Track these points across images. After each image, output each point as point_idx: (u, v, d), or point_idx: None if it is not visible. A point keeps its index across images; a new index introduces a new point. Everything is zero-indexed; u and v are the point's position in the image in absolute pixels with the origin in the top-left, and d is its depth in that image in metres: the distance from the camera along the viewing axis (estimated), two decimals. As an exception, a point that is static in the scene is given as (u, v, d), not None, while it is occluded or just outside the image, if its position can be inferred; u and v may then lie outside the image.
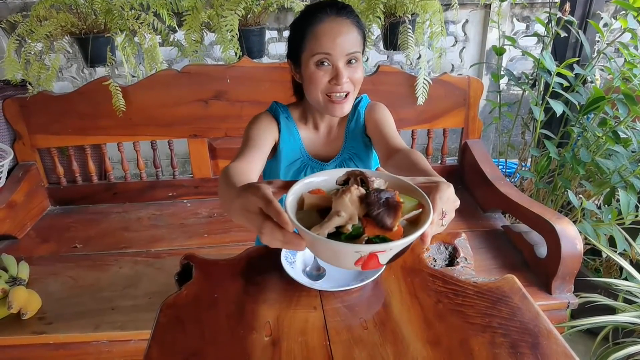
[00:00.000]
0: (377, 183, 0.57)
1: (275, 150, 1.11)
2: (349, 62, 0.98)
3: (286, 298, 0.81)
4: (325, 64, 0.96)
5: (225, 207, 0.78)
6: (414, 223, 0.55)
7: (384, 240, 0.51)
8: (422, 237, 0.57)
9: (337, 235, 0.53)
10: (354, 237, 0.53)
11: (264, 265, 0.90)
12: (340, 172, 0.62)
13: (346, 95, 1.00)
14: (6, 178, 1.87)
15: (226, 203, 0.75)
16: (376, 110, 1.13)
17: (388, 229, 0.51)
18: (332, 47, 0.95)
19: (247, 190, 0.62)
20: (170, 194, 2.11)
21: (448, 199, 0.64)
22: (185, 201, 2.11)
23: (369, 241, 0.52)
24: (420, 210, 0.56)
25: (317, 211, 0.57)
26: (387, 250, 0.50)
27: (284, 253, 0.89)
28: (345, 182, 0.60)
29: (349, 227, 0.52)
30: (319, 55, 0.95)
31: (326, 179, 0.63)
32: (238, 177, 0.81)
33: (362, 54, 1.02)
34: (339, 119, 1.14)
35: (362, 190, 0.54)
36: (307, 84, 1.01)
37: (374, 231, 0.52)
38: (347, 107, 1.02)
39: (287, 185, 0.63)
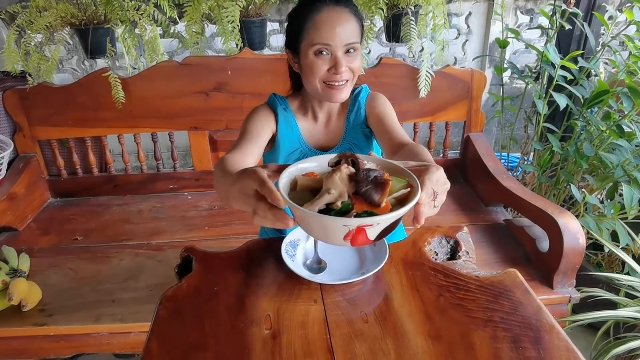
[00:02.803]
0: (368, 165, 0.59)
1: (273, 142, 1.12)
2: (347, 51, 0.98)
3: (286, 291, 0.81)
4: (325, 53, 0.97)
5: (222, 196, 0.79)
6: (403, 203, 0.56)
7: (372, 215, 0.52)
8: (415, 217, 0.58)
9: (328, 212, 0.54)
10: (343, 213, 0.54)
11: (264, 258, 0.90)
12: (332, 156, 0.63)
13: (345, 82, 1.01)
14: (6, 170, 1.87)
15: (223, 191, 0.77)
16: (377, 102, 1.13)
17: (376, 205, 0.52)
18: (331, 37, 0.95)
19: (244, 174, 0.65)
20: (171, 187, 2.10)
21: (438, 180, 0.65)
22: (186, 194, 2.10)
23: (358, 216, 0.53)
24: (409, 189, 0.57)
25: (309, 192, 0.59)
26: (374, 225, 0.51)
27: (285, 246, 0.89)
28: (337, 164, 0.61)
29: (339, 204, 0.54)
30: (319, 45, 0.96)
31: (319, 164, 0.64)
32: (233, 167, 0.82)
33: (361, 43, 1.02)
34: (339, 109, 1.15)
35: (352, 169, 0.56)
36: (306, 73, 1.02)
37: (363, 207, 0.53)
38: (345, 93, 1.02)
39: (281, 169, 0.66)
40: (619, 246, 1.55)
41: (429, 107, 1.97)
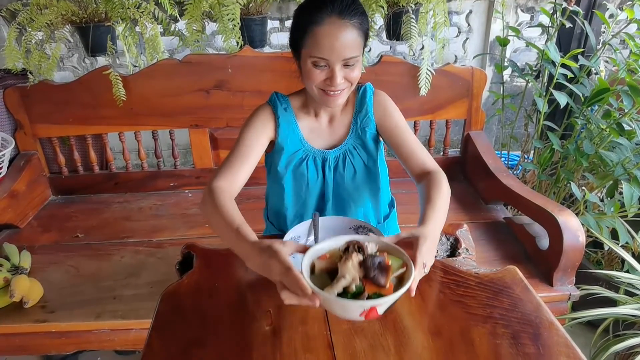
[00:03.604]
0: (370, 248, 0.73)
1: (273, 144, 1.12)
2: (346, 64, 0.97)
3: (287, 288, 0.81)
4: (322, 64, 0.96)
5: (227, 242, 0.85)
6: (401, 280, 0.70)
7: (380, 295, 0.65)
8: (409, 290, 0.69)
9: (345, 293, 0.67)
10: (357, 295, 0.66)
11: (265, 255, 0.90)
12: (341, 241, 0.75)
13: (341, 91, 1.01)
14: (8, 168, 1.87)
15: (228, 239, 0.83)
16: (385, 109, 1.13)
17: (382, 287, 0.66)
18: (329, 53, 0.94)
19: (266, 252, 0.73)
20: (172, 184, 2.11)
21: (427, 251, 0.75)
22: (186, 191, 2.10)
23: (369, 297, 0.66)
24: (404, 269, 0.71)
25: (326, 273, 0.71)
26: (383, 304, 0.65)
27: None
28: (346, 249, 0.73)
29: (353, 287, 0.67)
30: (316, 58, 0.96)
31: (331, 244, 0.76)
32: (227, 205, 0.89)
33: (365, 47, 1.01)
34: (343, 107, 1.14)
35: (360, 257, 0.70)
36: (304, 77, 1.03)
37: (372, 289, 0.66)
38: (341, 100, 1.03)
39: (299, 249, 0.75)
40: (618, 244, 1.55)
41: (429, 105, 1.97)
